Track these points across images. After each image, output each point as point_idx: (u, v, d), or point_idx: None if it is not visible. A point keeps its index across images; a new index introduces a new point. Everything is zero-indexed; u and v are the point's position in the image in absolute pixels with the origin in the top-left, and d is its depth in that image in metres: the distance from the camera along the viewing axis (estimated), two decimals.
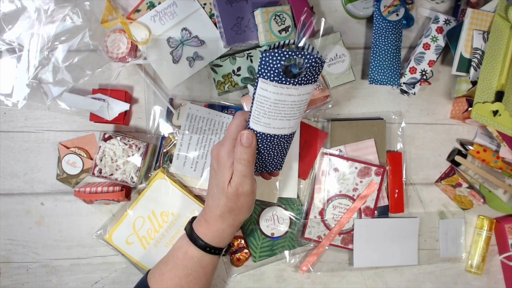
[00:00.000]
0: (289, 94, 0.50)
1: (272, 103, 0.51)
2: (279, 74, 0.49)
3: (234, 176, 0.55)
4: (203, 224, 0.59)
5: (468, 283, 0.81)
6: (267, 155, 0.57)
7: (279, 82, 0.49)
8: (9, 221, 0.73)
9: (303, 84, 0.50)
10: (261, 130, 0.54)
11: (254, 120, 0.54)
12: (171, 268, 0.59)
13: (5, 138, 0.73)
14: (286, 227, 0.74)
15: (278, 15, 0.71)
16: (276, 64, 0.49)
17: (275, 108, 0.51)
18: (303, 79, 0.50)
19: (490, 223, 0.80)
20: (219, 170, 0.56)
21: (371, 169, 0.76)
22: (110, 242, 0.71)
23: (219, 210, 0.57)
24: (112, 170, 0.69)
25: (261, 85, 0.51)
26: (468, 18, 0.73)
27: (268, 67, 0.49)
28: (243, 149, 0.54)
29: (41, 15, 0.67)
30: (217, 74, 0.72)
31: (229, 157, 0.55)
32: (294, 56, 0.49)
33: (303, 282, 0.77)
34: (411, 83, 0.76)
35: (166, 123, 0.73)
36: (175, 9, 0.72)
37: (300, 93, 0.50)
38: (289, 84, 0.49)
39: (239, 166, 0.54)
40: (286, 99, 0.51)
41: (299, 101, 0.52)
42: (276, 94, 0.50)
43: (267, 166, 0.59)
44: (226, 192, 0.55)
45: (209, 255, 0.59)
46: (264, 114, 0.52)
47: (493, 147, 0.80)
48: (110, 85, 0.74)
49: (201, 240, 0.58)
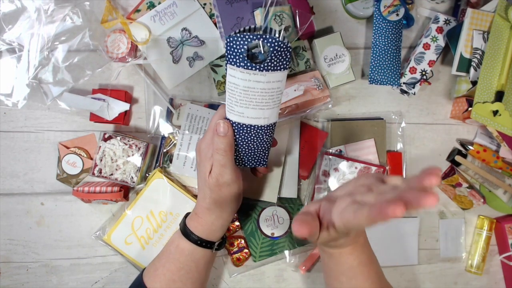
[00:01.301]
0: (257, 80, 0.49)
1: (242, 90, 0.50)
2: (244, 59, 0.48)
3: (214, 167, 0.55)
4: (193, 218, 0.60)
5: (468, 283, 0.81)
6: (246, 147, 0.56)
7: (245, 67, 0.48)
8: (9, 221, 0.73)
9: (270, 70, 0.48)
10: (235, 119, 0.53)
11: (228, 109, 0.53)
12: (164, 263, 0.60)
13: (5, 138, 0.73)
14: (286, 227, 0.74)
15: (278, 15, 0.71)
16: (240, 49, 0.47)
17: (246, 95, 0.50)
18: (269, 64, 0.48)
19: (490, 223, 0.80)
20: (201, 163, 0.57)
21: (371, 169, 0.76)
22: (109, 242, 0.71)
23: (205, 202, 0.58)
24: (112, 170, 0.69)
25: (230, 71, 0.50)
26: (468, 18, 0.73)
27: (233, 52, 0.48)
28: (219, 138, 0.54)
29: (41, 15, 0.67)
30: (217, 74, 0.72)
31: (209, 149, 0.56)
32: (255, 40, 0.47)
33: (303, 282, 0.77)
34: (411, 83, 0.76)
35: (166, 123, 0.73)
36: (175, 9, 0.72)
37: (269, 79, 0.49)
38: (255, 69, 0.48)
39: (217, 156, 0.55)
40: (255, 86, 0.49)
41: (269, 89, 0.50)
42: (244, 81, 0.49)
43: (248, 159, 0.58)
44: (208, 183, 0.56)
45: (200, 248, 0.59)
46: (236, 102, 0.51)
47: (493, 147, 0.80)
48: (110, 85, 0.74)
49: (192, 234, 0.59)
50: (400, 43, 0.76)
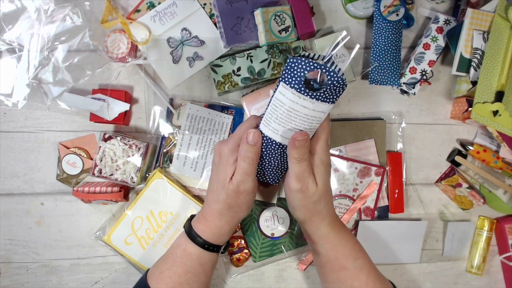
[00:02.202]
0: (304, 106, 0.50)
1: (286, 109, 0.51)
2: (300, 82, 0.49)
3: (237, 173, 0.55)
4: (201, 221, 0.59)
5: (468, 283, 0.81)
6: (267, 163, 0.57)
7: (297, 90, 0.49)
8: (9, 221, 0.73)
9: (320, 100, 0.50)
10: (268, 134, 0.54)
11: (264, 123, 0.54)
12: (170, 266, 0.59)
13: (5, 138, 0.73)
14: (286, 227, 0.74)
15: (278, 15, 0.71)
16: (300, 73, 0.49)
17: (288, 115, 0.51)
18: (321, 95, 0.49)
19: (491, 224, 0.80)
20: (221, 166, 0.56)
21: (371, 169, 0.76)
22: (109, 243, 0.71)
23: (218, 206, 0.57)
24: (112, 170, 0.69)
25: (281, 89, 0.51)
26: (468, 18, 0.73)
27: (291, 73, 0.49)
28: (248, 147, 0.53)
29: (41, 15, 0.67)
30: (217, 74, 0.72)
31: (232, 154, 0.55)
32: (319, 69, 0.49)
33: (303, 282, 0.77)
34: (411, 83, 0.76)
35: (166, 123, 0.73)
36: (175, 9, 0.72)
37: (315, 108, 0.50)
38: (307, 95, 0.49)
39: (242, 164, 0.54)
40: (300, 109, 0.50)
41: (312, 116, 0.51)
42: (291, 102, 0.50)
43: (266, 174, 0.59)
44: (227, 188, 0.55)
45: (207, 252, 0.59)
46: (275, 118, 0.52)
47: (493, 147, 0.79)
48: (110, 85, 0.74)
49: (199, 237, 0.58)
50: (400, 43, 0.76)
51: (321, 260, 0.59)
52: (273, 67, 0.72)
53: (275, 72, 0.72)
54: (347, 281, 0.57)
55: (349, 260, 0.58)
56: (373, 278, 0.58)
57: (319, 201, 0.55)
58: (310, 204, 0.55)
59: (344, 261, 0.57)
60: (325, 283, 0.61)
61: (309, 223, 0.57)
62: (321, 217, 0.57)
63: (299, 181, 0.53)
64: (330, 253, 0.58)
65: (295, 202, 0.56)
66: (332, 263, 0.58)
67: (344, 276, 0.57)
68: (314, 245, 0.59)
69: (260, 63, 0.72)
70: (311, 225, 0.57)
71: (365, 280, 0.57)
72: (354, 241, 0.60)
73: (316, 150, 0.55)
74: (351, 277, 0.57)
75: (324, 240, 0.58)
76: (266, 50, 0.72)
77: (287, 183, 0.55)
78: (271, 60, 0.72)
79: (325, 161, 0.56)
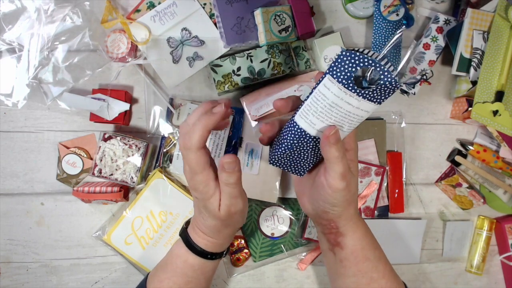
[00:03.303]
0: (349, 102, 0.47)
1: (328, 104, 0.48)
2: (350, 78, 0.46)
3: (224, 199, 0.52)
4: (201, 235, 0.57)
5: (468, 283, 0.81)
6: (297, 155, 0.53)
7: (345, 86, 0.46)
8: (9, 221, 0.73)
9: (366, 99, 0.47)
10: (303, 127, 0.50)
11: (301, 115, 0.50)
12: (170, 276, 0.58)
13: (5, 138, 0.73)
14: (286, 227, 0.74)
15: (278, 15, 0.71)
16: (351, 67, 0.46)
17: (329, 110, 0.48)
18: (369, 93, 0.46)
19: (490, 223, 0.80)
20: (204, 200, 0.53)
21: (371, 169, 0.76)
22: (109, 242, 0.71)
23: (215, 228, 0.55)
24: (112, 170, 0.69)
25: (326, 82, 0.47)
26: (468, 18, 0.73)
27: (342, 67, 0.46)
28: (228, 174, 0.50)
29: (41, 15, 0.67)
30: (217, 74, 0.72)
31: (208, 186, 0.51)
32: (373, 67, 0.45)
33: (303, 282, 0.77)
34: (411, 83, 0.76)
35: (166, 123, 0.73)
36: (175, 9, 0.72)
37: (359, 106, 0.47)
38: (354, 92, 0.46)
39: (227, 189, 0.51)
40: (343, 105, 0.47)
41: (354, 114, 0.48)
42: (336, 97, 0.47)
43: (292, 166, 0.56)
44: (219, 216, 0.53)
45: (210, 261, 0.58)
46: (314, 112, 0.49)
47: (493, 147, 0.80)
48: (110, 85, 0.74)
49: (200, 249, 0.57)
50: (400, 43, 0.76)
51: (344, 254, 0.56)
52: (273, 67, 0.72)
53: (275, 72, 0.72)
54: (368, 272, 0.55)
55: (371, 250, 0.56)
56: (389, 269, 0.57)
57: (356, 190, 0.54)
58: (350, 197, 0.53)
59: (367, 250, 0.55)
60: (343, 278, 0.57)
61: (345, 216, 0.54)
62: (355, 205, 0.55)
63: (344, 179, 0.50)
64: (357, 242, 0.55)
65: (337, 199, 0.52)
66: (357, 254, 0.55)
67: (366, 267, 0.55)
68: (340, 238, 0.55)
69: (260, 63, 0.72)
70: (346, 217, 0.54)
71: (383, 271, 0.56)
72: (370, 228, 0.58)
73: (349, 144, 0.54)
74: (371, 267, 0.55)
75: (355, 229, 0.55)
76: (266, 50, 0.72)
77: (330, 184, 0.50)
78: (271, 60, 0.72)
79: (355, 149, 0.54)
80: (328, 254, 0.58)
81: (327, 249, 0.58)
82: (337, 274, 0.58)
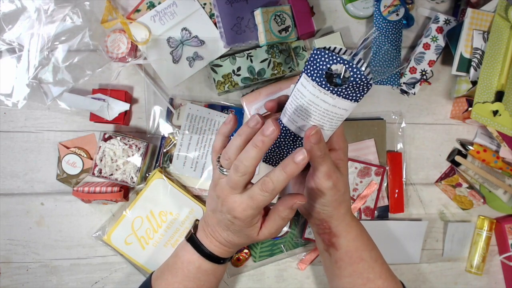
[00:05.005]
0: (324, 100, 0.48)
1: (305, 102, 0.49)
2: (321, 76, 0.47)
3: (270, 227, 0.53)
4: (216, 244, 0.57)
5: (468, 283, 0.81)
6: (285, 152, 0.55)
7: (318, 83, 0.47)
8: (9, 221, 0.73)
9: (341, 96, 0.48)
10: (286, 124, 0.52)
11: (284, 112, 0.53)
12: (181, 280, 0.57)
13: (5, 138, 0.73)
14: (286, 227, 0.74)
15: (278, 15, 0.71)
16: (323, 65, 0.47)
17: (307, 108, 0.49)
18: (342, 91, 0.47)
19: (490, 223, 0.80)
20: (245, 227, 0.52)
21: (371, 169, 0.76)
22: (109, 242, 0.71)
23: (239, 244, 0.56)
24: (112, 170, 0.69)
25: (303, 80, 0.49)
26: (468, 18, 0.73)
27: (314, 65, 0.47)
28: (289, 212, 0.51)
29: (41, 15, 0.67)
30: (217, 74, 0.72)
31: (256, 218, 0.51)
32: (342, 64, 0.47)
33: (303, 282, 0.77)
34: (411, 83, 0.76)
35: (166, 123, 0.73)
36: (175, 9, 0.72)
37: (335, 104, 0.48)
38: (327, 90, 0.47)
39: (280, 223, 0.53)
40: (319, 104, 0.49)
41: (332, 112, 0.49)
42: (311, 95, 0.48)
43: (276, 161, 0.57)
44: (255, 239, 0.54)
45: (223, 265, 0.59)
46: (295, 110, 0.50)
47: (493, 147, 0.80)
48: (110, 85, 0.74)
49: (216, 256, 0.57)
50: (400, 43, 0.76)
51: (339, 254, 0.56)
52: (273, 67, 0.72)
53: (275, 72, 0.72)
54: (363, 273, 0.55)
55: (366, 251, 0.56)
56: (385, 269, 0.57)
57: (346, 190, 0.54)
58: (340, 196, 0.53)
59: (362, 251, 0.56)
60: (338, 279, 0.57)
61: (336, 216, 0.55)
62: (346, 205, 0.55)
63: (330, 179, 0.51)
64: (351, 243, 0.56)
65: (327, 199, 0.53)
66: (351, 255, 0.56)
67: (361, 267, 0.56)
68: (334, 239, 0.56)
69: (260, 63, 0.72)
70: (338, 217, 0.55)
71: (379, 272, 0.56)
72: (365, 229, 0.58)
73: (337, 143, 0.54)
74: (367, 268, 0.56)
75: (348, 230, 0.56)
76: (266, 50, 0.72)
77: (317, 185, 0.52)
78: (271, 60, 0.72)
79: (344, 149, 0.54)
80: (324, 254, 0.59)
81: (323, 249, 0.59)
82: (333, 274, 0.58)
